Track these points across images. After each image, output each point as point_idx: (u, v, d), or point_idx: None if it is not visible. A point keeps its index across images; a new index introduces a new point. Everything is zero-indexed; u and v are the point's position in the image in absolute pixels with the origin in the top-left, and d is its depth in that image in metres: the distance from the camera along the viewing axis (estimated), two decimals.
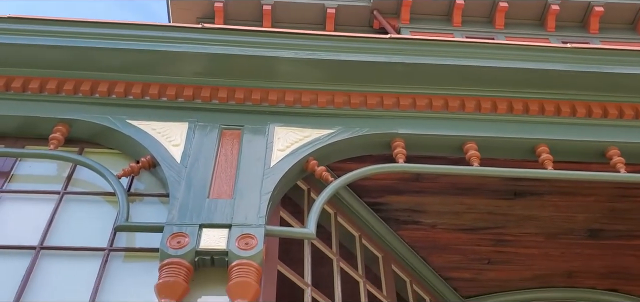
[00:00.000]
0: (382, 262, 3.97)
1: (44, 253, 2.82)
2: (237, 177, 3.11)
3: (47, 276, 2.74)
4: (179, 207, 2.90)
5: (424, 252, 4.30)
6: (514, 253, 4.33)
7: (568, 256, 4.36)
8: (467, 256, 4.33)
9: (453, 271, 4.44)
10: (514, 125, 3.59)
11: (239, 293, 2.60)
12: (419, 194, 3.92)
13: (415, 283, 4.21)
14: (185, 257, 2.66)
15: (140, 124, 3.33)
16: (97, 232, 2.94)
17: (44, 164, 3.32)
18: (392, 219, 4.09)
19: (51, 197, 3.10)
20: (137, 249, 2.88)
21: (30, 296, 2.64)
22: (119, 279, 2.75)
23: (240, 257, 2.69)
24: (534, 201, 4.00)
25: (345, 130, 3.44)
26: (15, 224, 2.97)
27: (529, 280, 4.53)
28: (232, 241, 2.76)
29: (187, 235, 2.75)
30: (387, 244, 4.09)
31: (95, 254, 2.82)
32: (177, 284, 2.57)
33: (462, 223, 4.11)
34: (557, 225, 4.16)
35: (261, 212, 2.92)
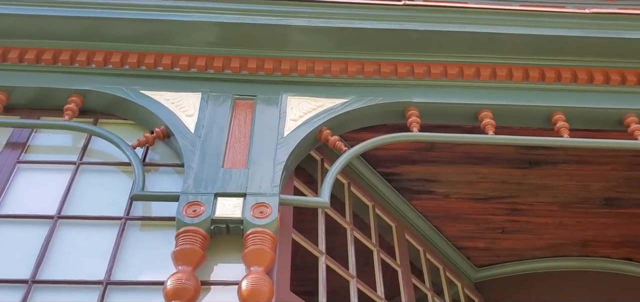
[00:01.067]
0: (396, 231, 3.98)
1: (61, 222, 2.86)
2: (250, 147, 3.12)
3: (65, 245, 2.78)
4: (194, 176, 2.91)
5: (438, 222, 4.30)
6: (528, 222, 4.32)
7: (583, 225, 4.34)
8: (481, 226, 4.33)
9: (467, 240, 4.44)
10: (529, 93, 3.55)
11: (255, 260, 2.63)
12: (432, 163, 3.91)
13: (429, 252, 4.22)
14: (201, 226, 2.69)
15: (153, 94, 3.33)
16: (114, 202, 2.96)
17: (60, 135, 3.33)
18: (405, 189, 4.08)
19: (67, 167, 3.13)
20: (153, 218, 2.90)
21: (49, 265, 2.69)
22: (136, 247, 2.78)
23: (255, 226, 2.71)
24: (548, 169, 3.97)
25: (358, 100, 3.42)
26: (33, 193, 3.00)
27: (543, 249, 4.52)
28: (247, 209, 2.77)
29: (202, 204, 2.76)
30: (401, 214, 4.10)
31: (112, 223, 2.85)
32: (193, 252, 2.60)
33: (476, 192, 4.10)
34: (572, 194, 4.13)
35: (275, 181, 2.93)
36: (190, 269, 2.56)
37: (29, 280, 2.59)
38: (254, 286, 2.51)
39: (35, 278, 2.61)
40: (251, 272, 2.59)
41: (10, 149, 3.19)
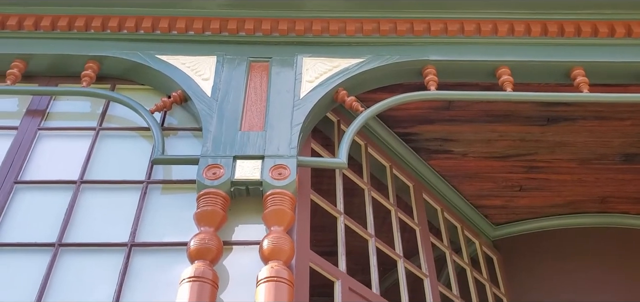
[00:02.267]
0: (413, 191, 3.98)
1: (84, 187, 2.91)
2: (267, 109, 3.12)
3: (89, 209, 2.83)
4: (212, 139, 2.93)
5: (455, 181, 4.29)
6: (546, 180, 4.29)
7: (601, 181, 4.30)
8: (499, 184, 4.31)
9: (484, 199, 4.44)
10: (548, 48, 3.48)
11: (275, 220, 2.66)
12: (450, 122, 3.88)
13: (447, 211, 4.22)
14: (221, 188, 2.72)
15: (169, 58, 3.34)
16: (134, 166, 3.00)
17: (78, 102, 3.36)
18: (423, 149, 4.07)
19: (87, 133, 3.16)
20: (174, 181, 2.94)
21: (75, 228, 2.74)
22: (158, 210, 2.82)
23: (275, 187, 2.74)
24: (567, 126, 3.92)
25: (375, 59, 3.39)
26: (55, 160, 3.04)
27: (561, 206, 4.50)
28: (265, 171, 2.80)
29: (222, 166, 2.79)
30: (418, 174, 4.09)
31: (133, 187, 2.89)
32: (215, 213, 2.64)
33: (493, 151, 4.08)
34: (590, 150, 4.09)
35: (292, 143, 2.94)
36: (212, 230, 2.60)
37: (56, 243, 2.65)
38: (275, 244, 2.55)
39: (61, 241, 2.67)
40: (272, 231, 2.62)
41: (31, 117, 3.23)
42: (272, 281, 2.41)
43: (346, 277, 2.96)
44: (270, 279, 2.42)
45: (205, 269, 2.43)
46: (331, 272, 2.92)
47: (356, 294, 2.96)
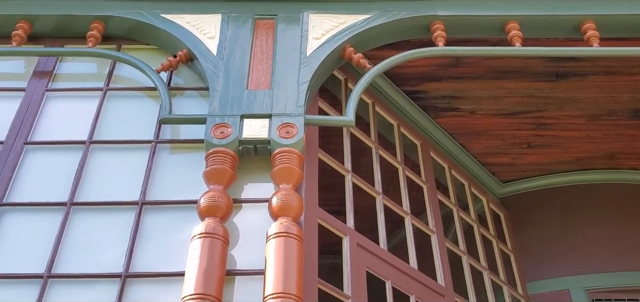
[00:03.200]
0: (421, 149, 3.98)
1: (93, 147, 2.92)
2: (273, 67, 3.10)
3: (99, 169, 2.85)
4: (219, 98, 2.92)
5: (463, 139, 4.28)
6: (554, 136, 4.28)
7: (610, 137, 4.28)
8: (507, 141, 4.30)
9: (492, 156, 4.43)
10: (558, 1, 3.41)
11: (283, 178, 2.67)
12: (458, 79, 3.85)
13: (454, 169, 4.23)
14: (229, 147, 2.72)
15: (174, 17, 3.30)
16: (142, 127, 3.00)
17: (84, 63, 3.35)
18: (430, 107, 4.05)
19: (94, 94, 3.16)
20: (182, 141, 2.94)
21: (85, 188, 2.77)
22: (167, 169, 2.84)
23: (282, 145, 2.74)
24: (576, 82, 3.88)
25: (382, 15, 3.34)
26: (63, 120, 3.05)
27: (569, 163, 4.49)
28: (273, 130, 2.80)
29: (229, 125, 2.79)
30: (426, 132, 4.09)
31: (142, 147, 2.90)
32: (224, 171, 2.65)
33: (502, 108, 4.05)
34: (599, 106, 4.05)
35: (300, 101, 2.93)
36: (222, 188, 2.62)
37: (68, 202, 2.68)
38: (284, 202, 2.57)
39: (73, 200, 2.70)
40: (280, 189, 2.64)
41: (38, 78, 3.23)
42: (282, 236, 2.44)
43: (354, 233, 2.99)
44: (280, 235, 2.45)
45: (216, 225, 2.46)
46: (339, 228, 2.95)
47: (364, 250, 2.99)
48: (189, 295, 2.25)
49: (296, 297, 2.30)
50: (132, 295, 2.43)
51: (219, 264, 2.36)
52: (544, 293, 4.07)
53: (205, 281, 2.28)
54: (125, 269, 2.48)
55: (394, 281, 3.06)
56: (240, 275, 2.47)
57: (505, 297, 3.93)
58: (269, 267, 2.38)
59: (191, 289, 2.26)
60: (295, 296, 2.30)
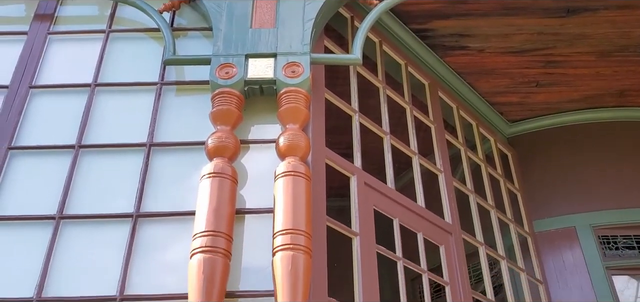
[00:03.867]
0: (429, 89, 3.94)
1: (98, 90, 2.91)
2: (278, 5, 3.03)
3: (105, 111, 2.84)
4: (223, 38, 2.88)
5: (471, 78, 4.23)
6: (563, 74, 4.21)
7: (621, 74, 4.21)
8: (515, 80, 4.24)
9: (500, 96, 4.38)
10: None
11: (290, 118, 2.66)
12: (466, 17, 3.76)
13: (462, 109, 4.19)
14: (235, 87, 2.70)
15: None
16: (147, 69, 2.98)
17: (85, 5, 3.30)
18: (438, 46, 3.98)
19: (97, 36, 3.12)
20: (187, 82, 2.92)
21: (93, 130, 2.77)
22: (173, 111, 2.82)
23: (288, 85, 2.72)
24: (587, 17, 3.78)
25: None
26: (67, 64, 3.03)
27: (578, 101, 4.44)
28: (278, 69, 2.76)
29: (234, 66, 2.76)
30: (434, 71, 4.03)
31: (148, 89, 2.89)
32: (230, 112, 2.64)
33: (510, 46, 3.97)
34: (611, 42, 3.97)
35: (305, 40, 2.88)
36: (229, 129, 2.61)
37: (76, 145, 2.69)
38: (291, 141, 2.56)
39: (81, 143, 2.70)
40: (287, 129, 2.63)
41: (39, 22, 3.18)
42: (290, 175, 2.45)
43: (361, 173, 2.99)
44: (288, 174, 2.45)
45: (224, 165, 2.46)
46: (347, 168, 2.95)
47: (372, 189, 3.00)
48: (200, 232, 2.28)
49: (305, 233, 2.32)
50: (144, 234, 2.46)
51: (228, 203, 2.38)
52: (550, 231, 4.10)
53: (215, 219, 2.30)
54: (136, 209, 2.50)
55: (402, 218, 3.08)
56: (249, 214, 2.49)
57: (512, 235, 3.96)
58: (277, 205, 2.40)
59: (202, 227, 2.28)
60: (305, 232, 2.32)
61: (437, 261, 3.21)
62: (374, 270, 2.73)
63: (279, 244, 2.28)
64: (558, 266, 3.96)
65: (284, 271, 2.22)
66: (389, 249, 2.90)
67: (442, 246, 3.24)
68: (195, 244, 2.26)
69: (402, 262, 2.94)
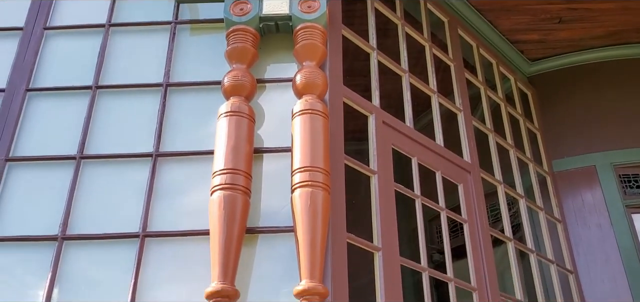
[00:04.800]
0: (448, 26, 3.84)
1: (113, 30, 2.88)
2: None
3: (120, 53, 2.82)
4: None
5: (491, 16, 4.10)
6: (587, 10, 4.06)
7: None
8: (537, 17, 4.11)
9: (521, 34, 4.26)
10: None
11: (307, 55, 2.61)
12: None
13: (482, 47, 4.09)
14: (250, 24, 2.65)
15: None
16: (160, 8, 2.93)
17: None
18: None
19: None
20: (201, 21, 2.87)
21: (109, 71, 2.76)
22: (188, 51, 2.79)
23: (304, 20, 2.66)
24: None
25: None
26: (79, 7, 2.98)
27: (602, 38, 4.30)
28: (294, 5, 2.71)
29: (248, 2, 2.70)
30: (453, 9, 3.92)
31: (162, 29, 2.85)
32: (246, 50, 2.60)
33: None
34: None
35: None
36: (245, 67, 2.58)
37: (93, 86, 2.69)
38: (308, 79, 2.53)
39: (98, 84, 2.70)
40: (304, 67, 2.59)
41: None
42: (307, 113, 2.43)
43: (380, 111, 2.96)
44: (305, 112, 2.43)
45: (241, 104, 2.45)
46: (365, 106, 2.91)
47: (390, 127, 2.97)
48: (220, 170, 2.28)
49: (324, 170, 2.31)
50: (164, 174, 2.48)
51: (246, 141, 2.37)
52: (570, 170, 4.05)
53: (234, 157, 2.30)
54: (155, 148, 2.51)
55: (420, 157, 3.06)
56: (267, 153, 2.49)
57: (531, 175, 3.93)
58: (295, 144, 2.39)
59: (221, 165, 2.29)
60: (323, 169, 2.31)
61: (455, 202, 3.20)
62: (392, 208, 2.73)
63: (298, 182, 2.28)
64: (577, 204, 3.94)
65: (303, 207, 2.23)
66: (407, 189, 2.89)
67: (461, 184, 3.22)
68: (215, 182, 2.27)
69: (420, 200, 2.93)
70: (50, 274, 2.27)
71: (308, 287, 2.09)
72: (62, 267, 2.31)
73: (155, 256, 2.31)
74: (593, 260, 3.73)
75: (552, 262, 3.62)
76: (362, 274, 2.81)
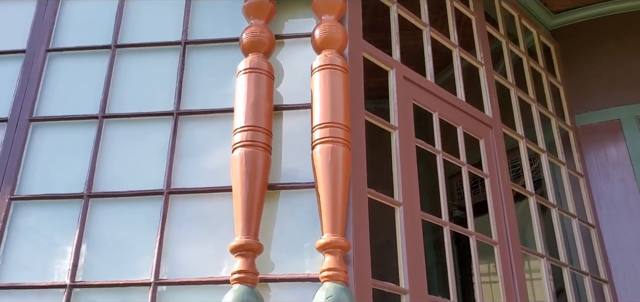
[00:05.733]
0: None
1: None
2: None
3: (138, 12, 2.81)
4: None
5: None
6: None
7: None
8: None
9: None
10: None
11: (325, 9, 2.58)
12: None
13: (504, 0, 3.99)
14: None
15: None
16: None
17: None
18: None
19: None
20: None
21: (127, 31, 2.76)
22: (206, 8, 2.77)
23: None
24: None
25: None
26: None
27: None
28: None
29: None
30: None
31: None
32: (263, 5, 2.57)
33: None
34: None
35: None
36: (263, 22, 2.55)
37: (112, 45, 2.70)
38: (327, 33, 2.50)
39: (116, 43, 2.71)
40: (323, 21, 2.56)
41: None
42: (327, 68, 2.41)
43: (400, 66, 2.92)
44: (325, 67, 2.41)
45: (260, 60, 2.43)
46: (385, 61, 2.88)
47: (410, 82, 2.93)
48: (240, 127, 2.29)
49: (344, 126, 2.30)
50: (186, 131, 2.49)
51: (266, 98, 2.37)
52: (593, 124, 3.98)
53: (254, 114, 2.30)
54: (176, 107, 2.52)
55: (441, 112, 3.03)
56: (287, 110, 2.48)
57: (553, 130, 3.87)
58: (315, 99, 2.38)
59: (242, 122, 2.29)
60: (343, 125, 2.30)
61: (476, 158, 3.17)
62: (413, 164, 2.72)
63: (318, 138, 2.28)
64: (600, 159, 3.88)
65: (324, 163, 2.23)
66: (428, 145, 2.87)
67: (482, 139, 3.19)
68: (236, 139, 2.28)
69: (441, 156, 2.92)
70: (78, 232, 2.33)
71: (330, 241, 2.10)
72: (89, 225, 2.36)
73: (180, 212, 2.35)
74: (615, 214, 3.69)
75: (573, 217, 3.60)
76: (382, 233, 2.84)
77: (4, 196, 2.44)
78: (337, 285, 2.04)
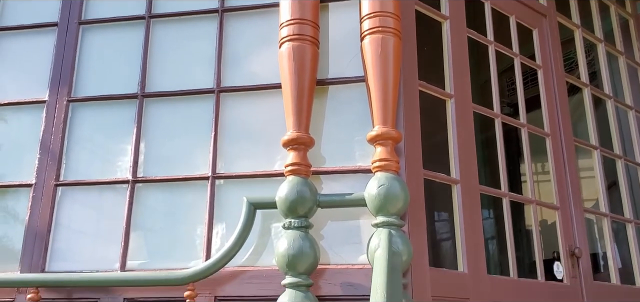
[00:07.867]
0: None
1: None
2: None
3: None
4: None
5: None
6: None
7: None
8: None
9: None
10: None
11: None
12: None
13: None
14: None
15: None
16: None
17: None
18: None
19: None
20: None
21: None
22: None
23: None
24: None
25: None
26: None
27: None
28: None
29: None
30: None
31: None
32: None
33: None
34: None
35: None
36: None
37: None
38: None
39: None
40: None
41: None
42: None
43: None
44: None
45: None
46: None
47: None
48: (286, 21, 2.25)
49: (394, 15, 2.23)
50: (233, 29, 2.48)
51: None
52: None
53: (300, 7, 2.26)
54: (221, 4, 2.50)
55: (493, 1, 2.90)
56: (333, 1, 2.41)
57: (612, 17, 3.65)
58: None
59: (288, 15, 2.25)
60: (393, 14, 2.23)
61: (528, 52, 3.05)
62: (464, 55, 2.63)
63: (367, 28, 2.22)
64: None
65: (374, 54, 2.18)
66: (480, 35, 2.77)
67: (535, 29, 3.05)
68: (283, 33, 2.25)
69: (493, 46, 2.82)
70: (135, 130, 2.41)
71: (381, 132, 2.10)
72: (145, 125, 2.43)
73: (231, 111, 2.37)
74: None
75: (630, 108, 3.47)
76: (432, 125, 2.80)
77: (62, 98, 2.52)
78: (389, 174, 2.05)
